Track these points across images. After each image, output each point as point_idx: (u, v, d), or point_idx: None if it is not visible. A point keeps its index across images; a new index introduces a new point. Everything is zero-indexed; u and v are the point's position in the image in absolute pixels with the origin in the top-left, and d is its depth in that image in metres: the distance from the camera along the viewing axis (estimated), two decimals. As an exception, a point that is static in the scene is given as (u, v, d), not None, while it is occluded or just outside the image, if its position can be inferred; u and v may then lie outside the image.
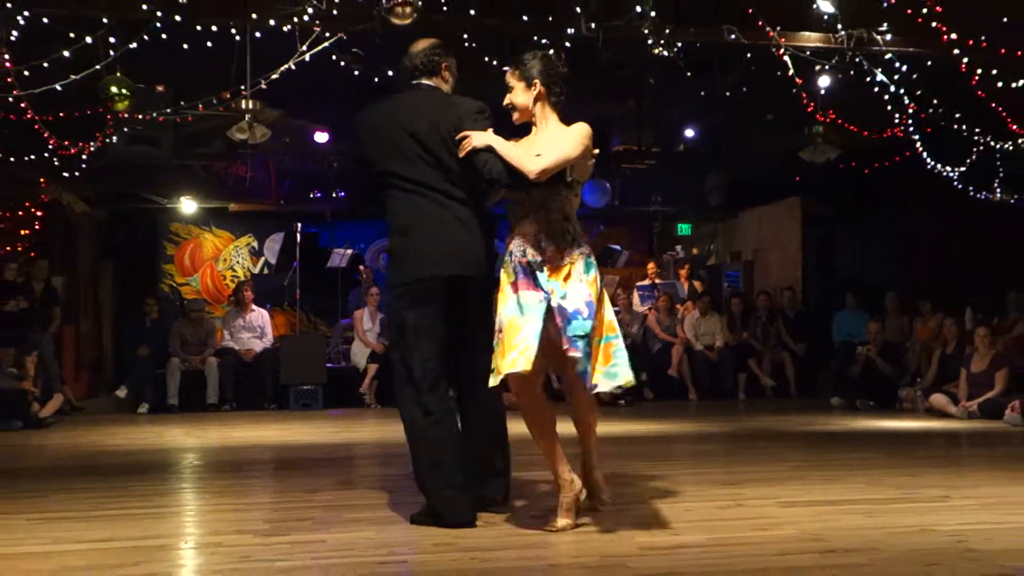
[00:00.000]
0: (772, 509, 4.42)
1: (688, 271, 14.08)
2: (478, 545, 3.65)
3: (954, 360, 9.88)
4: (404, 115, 4.14)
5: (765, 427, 8.60)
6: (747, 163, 14.21)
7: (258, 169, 13.64)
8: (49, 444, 7.75)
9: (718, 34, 9.21)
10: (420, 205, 4.07)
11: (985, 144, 10.84)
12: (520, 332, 3.84)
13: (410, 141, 4.07)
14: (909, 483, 5.14)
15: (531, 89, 4.17)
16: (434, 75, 4.26)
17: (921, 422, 8.99)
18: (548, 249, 3.98)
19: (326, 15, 8.32)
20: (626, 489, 5.01)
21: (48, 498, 4.98)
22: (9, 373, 9.18)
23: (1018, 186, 11.91)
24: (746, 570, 3.30)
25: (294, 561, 3.46)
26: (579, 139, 4.05)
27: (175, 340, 11.08)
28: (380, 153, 4.16)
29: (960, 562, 3.38)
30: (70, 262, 12.57)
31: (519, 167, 3.93)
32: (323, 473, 5.94)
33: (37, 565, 3.45)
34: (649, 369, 11.75)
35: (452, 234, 4.06)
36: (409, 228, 4.09)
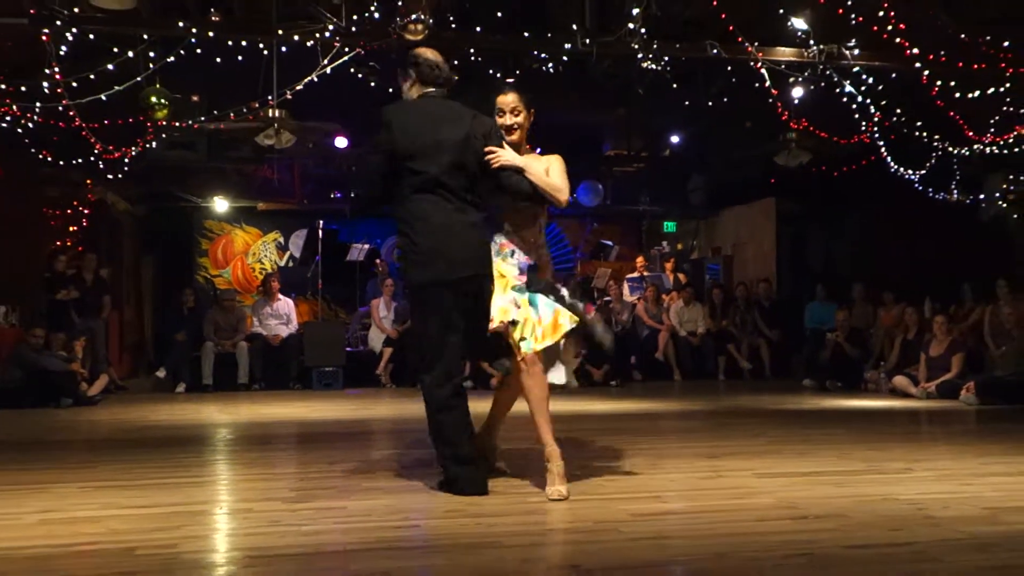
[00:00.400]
0: (750, 480, 4.42)
1: (673, 264, 14.05)
2: (484, 512, 3.65)
3: (914, 345, 9.88)
4: (439, 121, 4.08)
5: (743, 406, 8.60)
6: (727, 167, 14.20)
7: (283, 172, 13.63)
8: (97, 420, 7.75)
9: (701, 49, 9.18)
10: (448, 209, 4.03)
11: (943, 149, 10.82)
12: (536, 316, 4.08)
13: (445, 146, 4.03)
14: (874, 456, 5.14)
15: (530, 115, 4.31)
16: (448, 88, 4.27)
17: (885, 402, 8.99)
18: (535, 254, 4.24)
19: (346, 32, 8.30)
20: (616, 461, 5.01)
21: (96, 468, 4.99)
22: (60, 356, 9.18)
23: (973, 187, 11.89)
24: (727, 534, 3.30)
25: (318, 525, 3.47)
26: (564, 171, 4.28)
27: (209, 326, 11.07)
28: (412, 150, 4.02)
29: (920, 527, 3.39)
30: (114, 255, 12.57)
31: (551, 192, 4.16)
32: (343, 447, 5.93)
33: (88, 528, 3.45)
34: (638, 353, 11.77)
35: (473, 237, 4.10)
36: (440, 229, 4.02)
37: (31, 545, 3.19)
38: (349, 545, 3.17)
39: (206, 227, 14.56)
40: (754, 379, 11.73)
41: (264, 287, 11.99)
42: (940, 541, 3.19)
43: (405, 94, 4.24)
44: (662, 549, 3.14)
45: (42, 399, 8.67)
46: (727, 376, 11.82)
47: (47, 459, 5.36)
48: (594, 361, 10.87)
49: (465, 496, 3.89)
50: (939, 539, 3.22)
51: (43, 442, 6.38)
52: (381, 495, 4.02)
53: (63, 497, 4.07)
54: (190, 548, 3.18)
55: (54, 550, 3.15)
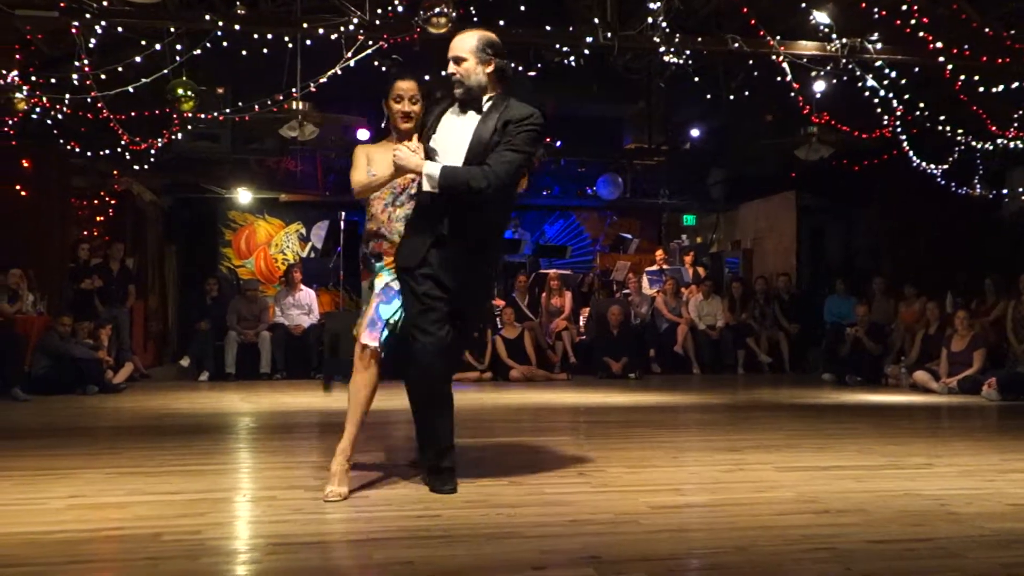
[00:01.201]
0: (770, 473, 4.40)
1: (693, 258, 13.99)
2: (504, 502, 3.65)
3: (936, 340, 9.79)
4: None
5: (762, 399, 8.56)
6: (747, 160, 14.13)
7: (306, 163, 13.68)
8: (122, 407, 7.81)
9: (723, 43, 9.12)
10: None
11: (966, 144, 10.71)
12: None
13: None
14: (895, 451, 5.10)
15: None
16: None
17: (905, 396, 8.92)
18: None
19: (369, 25, 8.30)
20: (636, 453, 4.99)
21: (122, 454, 5.02)
22: (86, 344, 9.25)
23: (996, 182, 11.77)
24: (748, 527, 3.28)
25: (340, 514, 3.48)
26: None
27: (232, 316, 11.13)
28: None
29: (942, 523, 3.35)
30: (139, 245, 12.65)
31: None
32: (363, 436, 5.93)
33: (115, 514, 3.47)
34: (657, 346, 11.74)
35: None
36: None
37: (60, 529, 3.22)
38: (372, 534, 3.17)
39: (230, 218, 14.62)
40: (773, 373, 11.67)
41: (286, 278, 12.04)
42: (963, 537, 3.15)
43: (470, 76, 3.88)
44: (682, 542, 3.12)
45: (68, 386, 8.74)
46: (746, 370, 11.76)
47: (74, 445, 5.40)
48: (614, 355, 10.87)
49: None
50: (962, 535, 3.18)
51: (70, 428, 6.44)
52: (402, 485, 4.03)
53: (90, 483, 4.10)
54: (215, 534, 3.19)
55: (82, 535, 3.17)
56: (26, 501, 3.71)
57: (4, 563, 2.80)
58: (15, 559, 2.84)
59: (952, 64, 9.36)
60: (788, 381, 10.58)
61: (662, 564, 2.83)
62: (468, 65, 3.85)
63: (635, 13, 9.00)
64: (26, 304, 9.42)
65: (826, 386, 10.07)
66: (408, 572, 2.73)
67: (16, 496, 3.81)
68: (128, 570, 2.76)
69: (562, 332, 11.39)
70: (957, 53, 9.32)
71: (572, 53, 9.27)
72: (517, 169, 3.82)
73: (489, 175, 3.72)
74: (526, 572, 2.73)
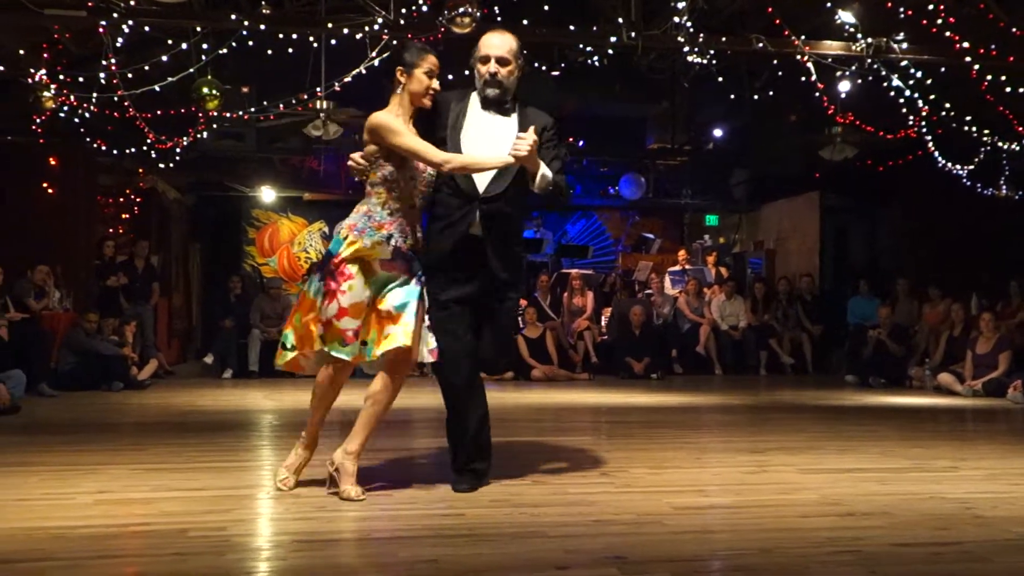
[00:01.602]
0: (793, 475, 4.37)
1: (715, 258, 13.94)
2: (528, 502, 3.65)
3: (960, 342, 9.70)
4: None
5: (784, 401, 8.52)
6: (770, 160, 14.06)
7: (330, 163, 13.72)
8: (146, 403, 7.87)
9: (748, 43, 9.07)
10: None
11: (992, 144, 10.61)
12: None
13: None
14: (919, 454, 5.06)
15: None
16: None
17: (929, 399, 8.85)
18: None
19: (394, 25, 8.32)
20: (659, 454, 4.98)
21: (146, 451, 5.06)
22: (111, 340, 9.33)
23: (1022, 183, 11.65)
24: (772, 529, 3.27)
25: (364, 512, 3.49)
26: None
27: (256, 313, 11.18)
28: None
29: (968, 527, 3.32)
30: (164, 243, 12.75)
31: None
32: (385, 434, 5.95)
33: (140, 509, 3.50)
34: (679, 346, 11.70)
35: None
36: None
37: (87, 524, 3.25)
38: (397, 532, 3.18)
39: (253, 216, 14.69)
40: (795, 374, 11.60)
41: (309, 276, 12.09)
42: (989, 541, 3.13)
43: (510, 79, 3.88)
44: (706, 543, 3.12)
45: (94, 382, 8.82)
46: (768, 371, 11.69)
47: (100, 441, 5.45)
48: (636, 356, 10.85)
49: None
50: (988, 539, 3.15)
51: (96, 424, 6.49)
52: (425, 483, 4.03)
53: (116, 478, 4.14)
54: (240, 531, 3.22)
55: (109, 530, 3.20)
56: (54, 496, 3.75)
57: (33, 557, 2.83)
58: (44, 553, 2.87)
59: (979, 64, 9.27)
60: (811, 383, 10.52)
61: (686, 565, 2.83)
62: (511, 67, 3.85)
63: (659, 13, 8.97)
64: (53, 301, 9.51)
65: (849, 388, 10.00)
66: (433, 570, 2.74)
67: (44, 491, 3.85)
68: (155, 565, 2.79)
69: (584, 332, 11.37)
70: (984, 53, 9.22)
71: (596, 53, 9.25)
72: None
73: (563, 184, 3.90)
74: (550, 571, 2.73)
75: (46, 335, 8.81)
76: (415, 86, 3.83)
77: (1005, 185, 11.49)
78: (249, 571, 2.76)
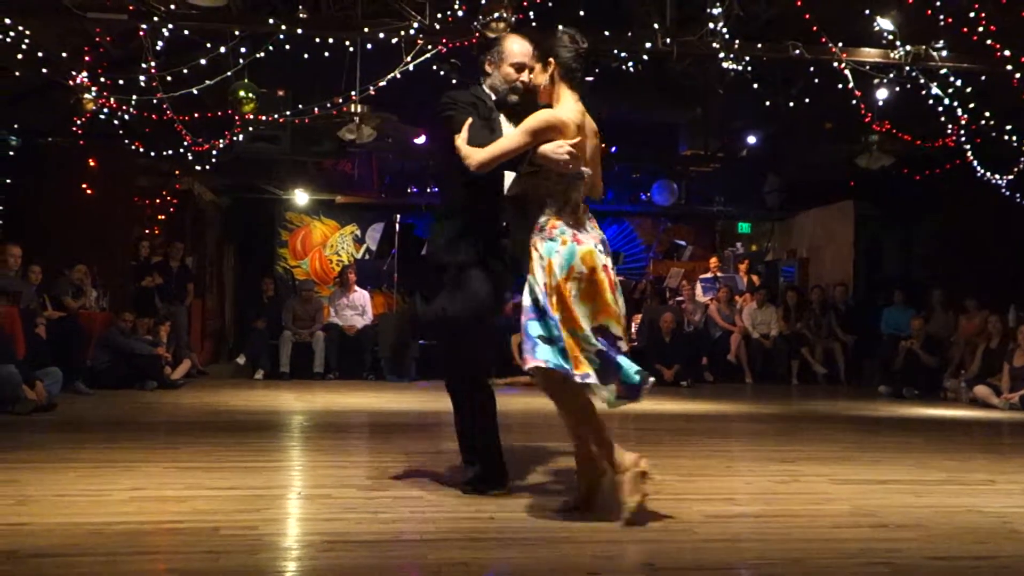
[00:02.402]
0: (825, 485, 4.34)
1: (747, 266, 13.85)
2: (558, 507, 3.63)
3: (997, 355, 9.56)
4: None
5: (816, 411, 8.44)
6: (804, 168, 13.93)
7: (363, 166, 13.81)
8: (180, 403, 7.96)
9: (784, 49, 9.00)
10: None
11: (1033, 154, 10.44)
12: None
13: None
14: (955, 467, 5.00)
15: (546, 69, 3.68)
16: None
17: (964, 411, 8.73)
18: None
19: (429, 29, 8.36)
20: (689, 462, 4.96)
21: (180, 449, 5.13)
22: (146, 340, 9.44)
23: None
24: (802, 539, 3.24)
25: (393, 514, 3.51)
26: (521, 130, 3.54)
27: (287, 315, 11.27)
28: None
29: (1006, 542, 3.28)
30: (198, 244, 12.90)
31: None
32: (415, 437, 6.00)
33: (174, 507, 3.55)
34: (709, 354, 11.63)
35: None
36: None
37: (123, 521, 3.29)
38: (426, 535, 3.20)
39: (286, 218, 14.82)
40: (828, 384, 11.49)
41: (341, 279, 12.16)
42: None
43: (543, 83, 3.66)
44: (736, 552, 3.10)
45: (128, 381, 8.93)
46: (800, 380, 11.60)
47: (135, 439, 5.52)
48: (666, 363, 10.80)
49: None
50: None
51: (130, 422, 6.58)
52: (454, 486, 4.04)
53: (150, 476, 4.20)
54: (271, 530, 3.25)
55: (144, 526, 3.25)
56: (90, 492, 3.81)
57: (71, 552, 2.88)
58: (81, 549, 2.92)
59: (1020, 72, 9.13)
60: (843, 393, 10.42)
61: (716, 574, 2.82)
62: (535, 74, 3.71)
63: (694, 19, 8.93)
64: (90, 300, 9.65)
65: (882, 399, 9.89)
66: (462, 573, 2.75)
67: (80, 487, 3.91)
68: (188, 562, 2.82)
69: (614, 338, 11.33)
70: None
71: (630, 58, 9.23)
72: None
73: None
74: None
75: (82, 333, 8.94)
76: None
77: (1045, 195, 11.30)
78: (280, 570, 2.78)
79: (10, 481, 3.98)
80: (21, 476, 4.10)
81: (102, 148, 10.84)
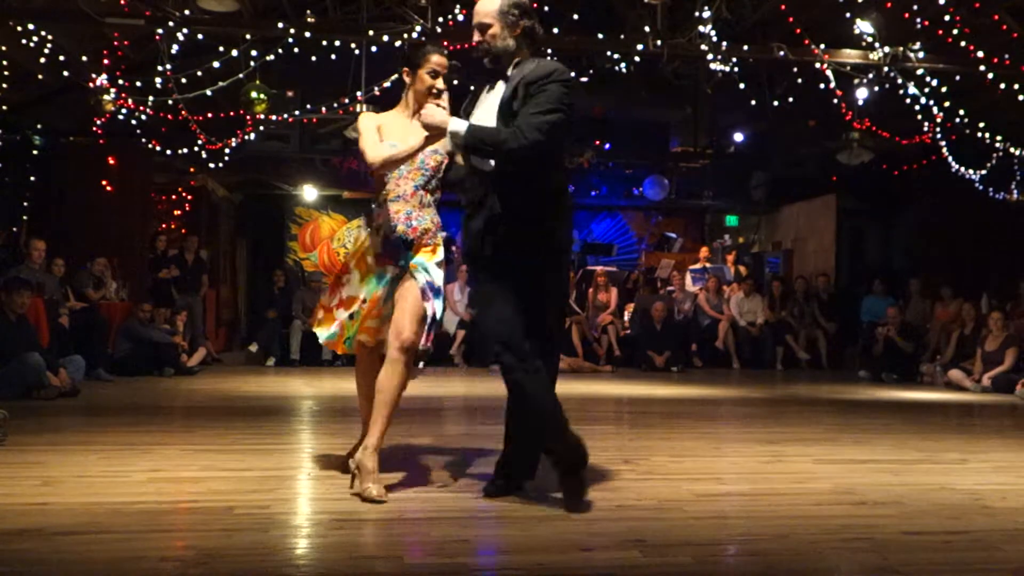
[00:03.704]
0: (808, 465, 4.34)
1: (735, 257, 13.84)
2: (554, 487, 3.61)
3: (971, 340, 9.57)
4: None
5: (800, 394, 8.45)
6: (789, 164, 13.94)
7: (368, 163, 13.75)
8: (195, 389, 7.96)
9: (769, 51, 9.00)
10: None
11: (1004, 150, 10.45)
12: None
13: None
14: (930, 447, 5.01)
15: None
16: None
17: (940, 394, 8.74)
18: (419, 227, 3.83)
19: (431, 32, 8.35)
20: (679, 443, 4.97)
21: (195, 432, 5.13)
22: (163, 329, 9.44)
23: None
24: (787, 516, 3.25)
25: (399, 494, 3.50)
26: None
27: (297, 305, 11.24)
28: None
29: (978, 517, 3.29)
30: (212, 238, 12.89)
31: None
32: (420, 421, 5.99)
33: (191, 488, 3.55)
34: (699, 341, 11.64)
35: None
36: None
37: (141, 500, 3.30)
38: (429, 513, 3.20)
39: (296, 213, 14.79)
40: (811, 369, 11.50)
41: (348, 270, 12.14)
42: (998, 531, 3.09)
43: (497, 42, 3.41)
44: (724, 528, 3.10)
45: (147, 368, 8.93)
46: (784, 366, 11.60)
47: (153, 423, 5.53)
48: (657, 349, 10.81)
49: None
50: (997, 528, 3.12)
51: (149, 407, 6.58)
52: (456, 468, 4.05)
53: (168, 458, 4.20)
54: (283, 509, 3.25)
55: (162, 506, 3.25)
56: (111, 473, 3.81)
57: (92, 530, 2.88)
58: (102, 527, 2.92)
59: (993, 73, 9.13)
60: (825, 377, 10.43)
61: (705, 549, 2.82)
62: (494, 30, 3.39)
63: (684, 22, 8.92)
64: (110, 291, 9.65)
65: (862, 383, 9.89)
66: (463, 549, 2.75)
67: (102, 468, 3.92)
68: (204, 540, 2.82)
69: (607, 326, 11.35)
70: (998, 62, 9.09)
71: (623, 60, 9.21)
72: (552, 127, 3.22)
73: (519, 135, 3.20)
74: (575, 553, 2.74)
75: (103, 323, 8.93)
76: (418, 85, 3.68)
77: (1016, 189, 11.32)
78: (291, 547, 2.78)
79: (36, 463, 3.99)
80: (46, 458, 4.11)
81: (121, 147, 10.82)
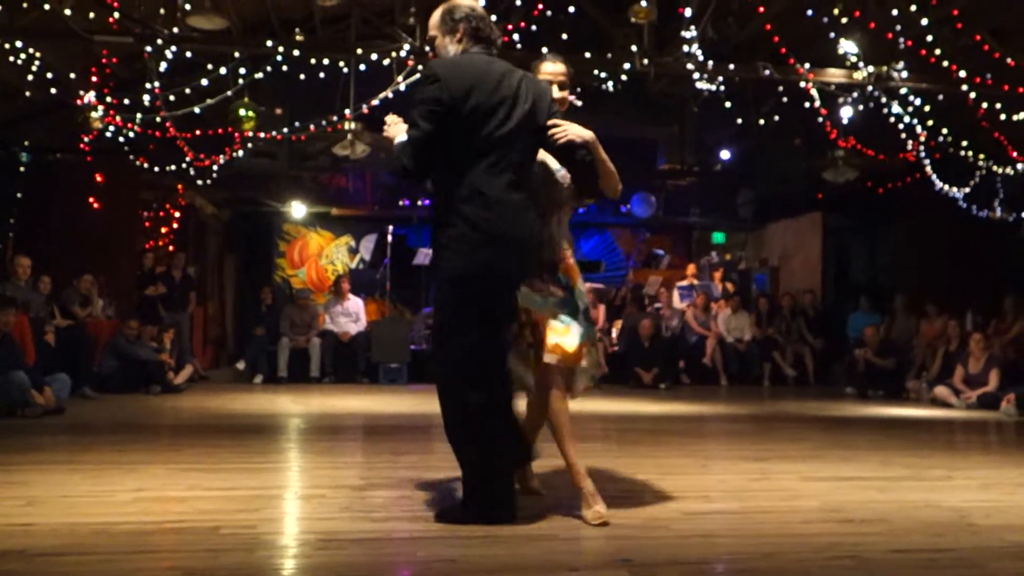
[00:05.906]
0: (795, 483, 4.34)
1: (722, 274, 13.88)
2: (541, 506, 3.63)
3: (956, 357, 9.62)
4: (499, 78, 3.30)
5: (787, 411, 8.46)
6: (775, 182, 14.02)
7: (357, 180, 13.79)
8: (182, 406, 7.91)
9: (754, 70, 9.07)
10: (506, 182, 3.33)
11: (987, 168, 10.56)
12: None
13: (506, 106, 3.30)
14: (916, 464, 5.02)
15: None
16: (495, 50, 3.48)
17: (926, 411, 8.77)
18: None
19: (419, 51, 8.38)
20: (666, 461, 4.96)
21: (182, 451, 5.09)
22: (150, 347, 9.39)
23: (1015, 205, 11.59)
24: (774, 534, 3.25)
25: (386, 513, 3.49)
26: None
27: (285, 322, 11.21)
28: (470, 109, 3.23)
29: (963, 535, 3.29)
30: (200, 255, 12.85)
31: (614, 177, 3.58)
32: (407, 439, 5.98)
33: (176, 507, 3.53)
34: (686, 358, 11.66)
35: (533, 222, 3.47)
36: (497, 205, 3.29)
37: (127, 520, 3.27)
38: (415, 533, 3.19)
39: (284, 230, 14.77)
40: (798, 385, 11.53)
41: (336, 287, 12.11)
42: (983, 548, 3.09)
43: (444, 50, 3.38)
44: (711, 547, 3.10)
45: (133, 385, 8.88)
46: (771, 382, 11.63)
47: (139, 441, 5.49)
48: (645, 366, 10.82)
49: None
50: (982, 546, 3.12)
51: (135, 425, 6.53)
52: (443, 487, 4.03)
53: (153, 477, 4.16)
54: (269, 529, 3.23)
55: (147, 526, 3.22)
56: (95, 493, 3.78)
57: (76, 551, 2.86)
58: (86, 548, 2.89)
59: (975, 92, 9.24)
60: (812, 394, 10.45)
61: (692, 568, 2.81)
62: (438, 41, 3.40)
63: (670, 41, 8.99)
64: (96, 309, 9.59)
65: (849, 399, 9.92)
66: (450, 569, 2.74)
67: (86, 488, 3.88)
68: (190, 561, 2.80)
69: (595, 343, 11.35)
70: (980, 82, 9.19)
71: (610, 78, 9.27)
72: (403, 148, 3.21)
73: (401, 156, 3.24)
74: (562, 573, 2.72)
75: (90, 341, 8.88)
76: None
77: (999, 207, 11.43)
78: (277, 568, 2.77)
79: (19, 483, 3.95)
80: (29, 478, 4.07)
81: (108, 164, 10.79)
